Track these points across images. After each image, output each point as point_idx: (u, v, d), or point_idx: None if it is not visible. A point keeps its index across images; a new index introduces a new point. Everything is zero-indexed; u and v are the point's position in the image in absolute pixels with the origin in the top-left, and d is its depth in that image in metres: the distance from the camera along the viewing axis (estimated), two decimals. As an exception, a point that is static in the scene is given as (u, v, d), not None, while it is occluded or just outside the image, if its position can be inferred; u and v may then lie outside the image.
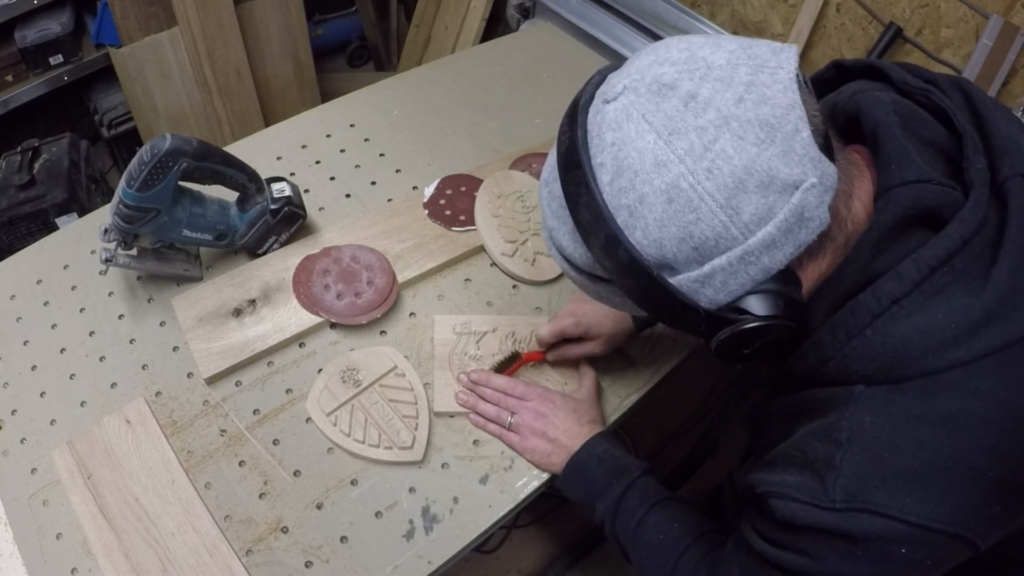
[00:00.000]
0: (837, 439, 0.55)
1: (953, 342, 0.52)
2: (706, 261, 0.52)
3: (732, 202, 0.50)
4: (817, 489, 0.55)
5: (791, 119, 0.50)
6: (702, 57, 0.52)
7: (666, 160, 0.50)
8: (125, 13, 1.81)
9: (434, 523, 0.84)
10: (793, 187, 0.50)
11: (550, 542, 1.58)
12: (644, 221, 0.51)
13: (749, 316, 0.53)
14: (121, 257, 0.96)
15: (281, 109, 2.19)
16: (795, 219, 0.50)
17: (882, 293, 0.54)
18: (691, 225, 0.50)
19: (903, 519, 0.53)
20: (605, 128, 0.53)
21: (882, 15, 1.69)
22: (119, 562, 0.78)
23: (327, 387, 0.92)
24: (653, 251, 0.52)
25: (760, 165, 0.49)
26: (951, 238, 0.52)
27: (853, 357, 0.55)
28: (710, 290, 0.53)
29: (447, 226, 1.11)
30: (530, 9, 2.16)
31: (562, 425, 0.87)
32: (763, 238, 0.50)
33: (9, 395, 0.93)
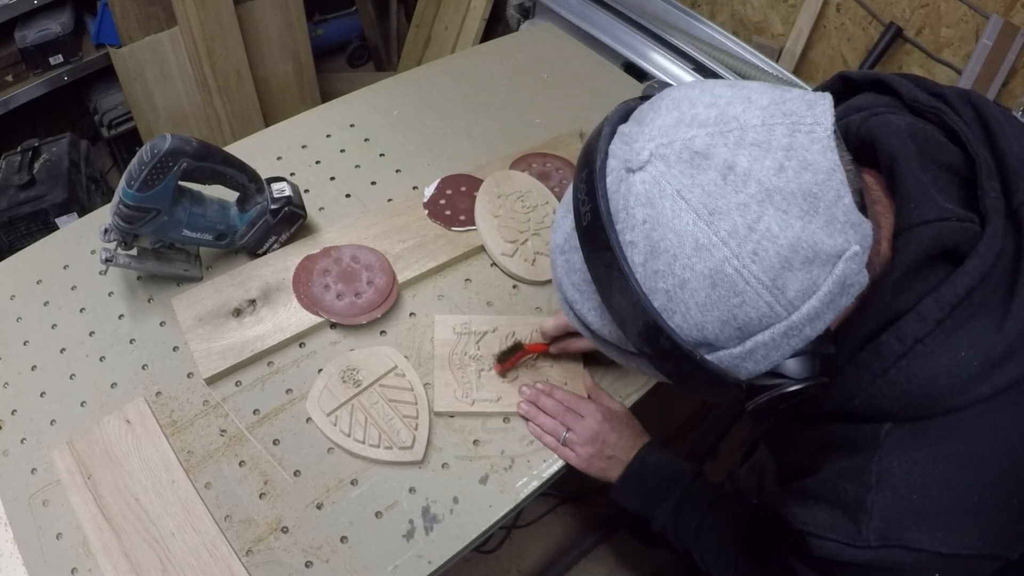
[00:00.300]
0: (867, 482, 0.56)
1: (977, 379, 0.52)
2: (748, 338, 0.50)
3: (778, 282, 0.48)
4: (851, 530, 0.57)
5: (833, 185, 0.48)
6: (734, 116, 0.49)
7: (708, 244, 0.47)
8: (125, 13, 1.81)
9: (434, 523, 0.84)
10: (836, 257, 0.49)
11: (550, 542, 1.58)
12: (685, 306, 0.49)
13: (788, 380, 0.52)
14: (121, 257, 0.96)
15: (281, 109, 2.19)
16: (838, 289, 0.49)
17: (905, 334, 0.53)
18: (736, 308, 0.49)
19: (935, 551, 0.55)
20: (634, 203, 0.50)
21: (882, 15, 1.69)
22: (119, 562, 0.78)
23: (327, 387, 0.92)
24: (694, 333, 0.50)
25: (805, 240, 0.47)
26: (970, 275, 0.52)
27: (879, 395, 0.56)
28: (751, 364, 0.52)
29: (447, 226, 1.11)
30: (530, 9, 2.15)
31: (618, 442, 0.89)
32: (807, 312, 0.49)
33: (9, 395, 0.93)
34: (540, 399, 0.92)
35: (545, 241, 1.09)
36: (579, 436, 0.89)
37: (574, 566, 1.53)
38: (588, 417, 0.90)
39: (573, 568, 1.53)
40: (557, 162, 1.20)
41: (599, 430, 0.89)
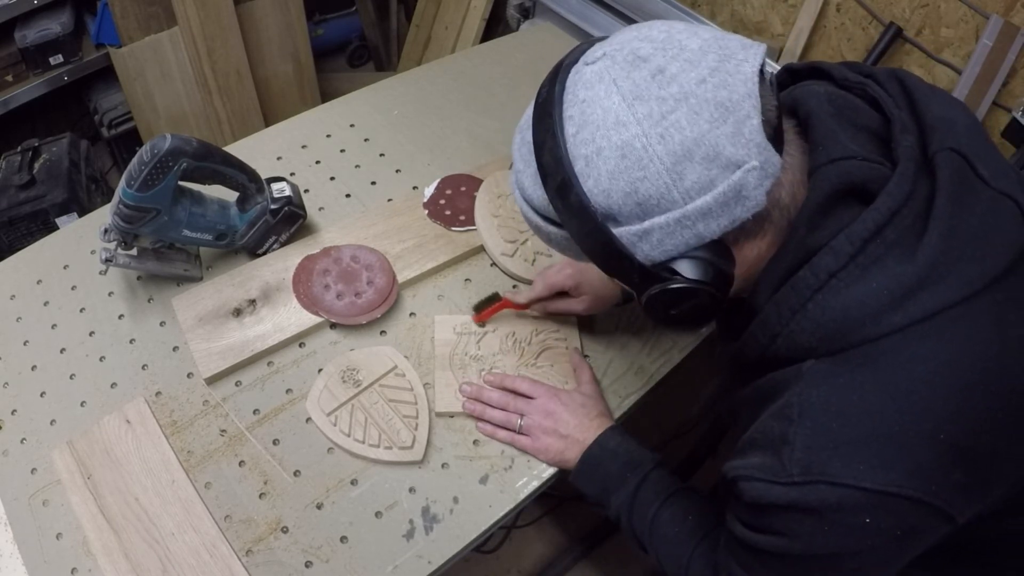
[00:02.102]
0: (789, 416, 0.58)
1: (889, 308, 0.55)
2: (647, 218, 0.56)
3: (678, 168, 0.54)
4: (776, 466, 0.57)
5: (745, 107, 0.54)
6: (678, 40, 0.56)
7: (625, 120, 0.54)
8: (125, 13, 1.81)
9: (434, 523, 0.84)
10: (735, 166, 0.54)
11: (550, 542, 1.58)
12: (597, 171, 0.56)
13: (678, 277, 0.58)
14: (121, 257, 0.96)
15: (281, 109, 2.19)
16: (732, 195, 0.54)
17: (819, 268, 0.57)
18: (638, 182, 0.55)
19: (859, 486, 0.54)
20: (579, 86, 0.57)
21: (882, 15, 1.69)
22: (119, 562, 0.78)
23: (327, 387, 0.92)
24: (601, 200, 0.56)
25: (709, 140, 0.53)
26: (879, 211, 0.56)
27: (798, 331, 0.58)
28: (647, 246, 0.57)
29: (447, 226, 1.11)
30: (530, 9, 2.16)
31: (572, 420, 0.87)
32: (700, 206, 0.55)
33: (9, 395, 0.93)
34: (483, 394, 0.92)
35: (545, 241, 1.10)
36: (533, 419, 0.88)
37: (574, 566, 1.53)
38: (539, 397, 0.90)
39: (573, 568, 1.53)
40: (557, 162, 1.20)
41: (551, 408, 0.88)
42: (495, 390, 0.92)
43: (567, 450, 0.87)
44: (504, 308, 0.97)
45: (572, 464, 0.86)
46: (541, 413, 0.89)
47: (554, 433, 0.87)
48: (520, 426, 0.89)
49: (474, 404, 0.92)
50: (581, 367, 0.95)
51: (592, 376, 0.94)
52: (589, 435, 0.86)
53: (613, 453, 0.84)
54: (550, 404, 0.89)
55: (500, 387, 0.93)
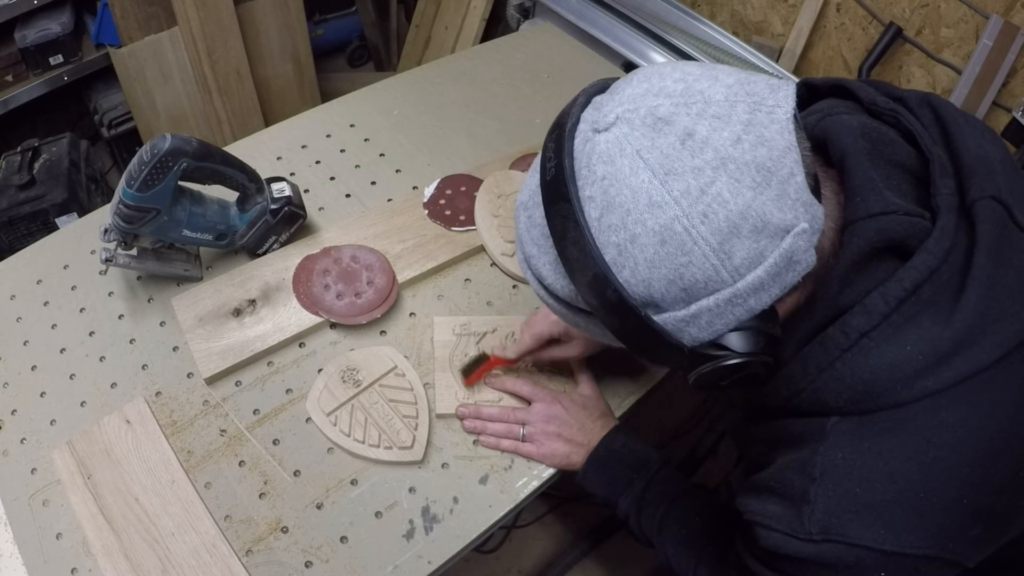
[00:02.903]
0: (811, 474, 0.56)
1: (923, 372, 0.52)
2: (693, 302, 0.51)
3: (725, 246, 0.49)
4: (794, 521, 0.56)
5: (787, 163, 0.49)
6: (699, 91, 0.51)
7: (661, 202, 0.49)
8: (125, 13, 1.81)
9: (434, 523, 0.84)
10: (784, 232, 0.50)
11: (550, 542, 1.58)
12: (634, 260, 0.50)
13: (730, 353, 0.53)
14: (121, 257, 0.96)
15: (281, 109, 2.19)
16: (784, 263, 0.50)
17: (850, 327, 0.54)
18: (682, 268, 0.50)
19: (877, 548, 0.53)
20: (596, 160, 0.51)
21: (882, 15, 1.69)
22: (119, 562, 0.78)
23: (327, 387, 0.92)
24: (640, 290, 0.51)
25: (755, 210, 0.49)
26: (918, 269, 0.52)
27: (824, 389, 0.56)
28: (694, 329, 0.53)
29: (447, 226, 1.11)
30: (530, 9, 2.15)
31: (575, 423, 0.87)
32: (752, 281, 0.50)
33: (9, 395, 0.93)
34: (482, 411, 0.90)
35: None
36: (535, 427, 0.87)
37: (574, 566, 1.53)
38: (537, 402, 0.89)
39: (573, 568, 1.53)
40: (557, 162, 1.20)
41: (553, 412, 0.87)
42: (493, 407, 0.90)
43: (572, 453, 0.86)
44: (493, 367, 0.93)
45: (579, 466, 0.86)
46: (542, 419, 0.88)
47: (558, 437, 0.87)
48: (523, 435, 0.88)
49: (473, 422, 0.90)
50: (579, 368, 0.94)
51: (590, 377, 0.94)
52: (593, 437, 0.86)
53: (618, 455, 0.84)
54: (551, 409, 0.88)
55: (502, 389, 0.92)
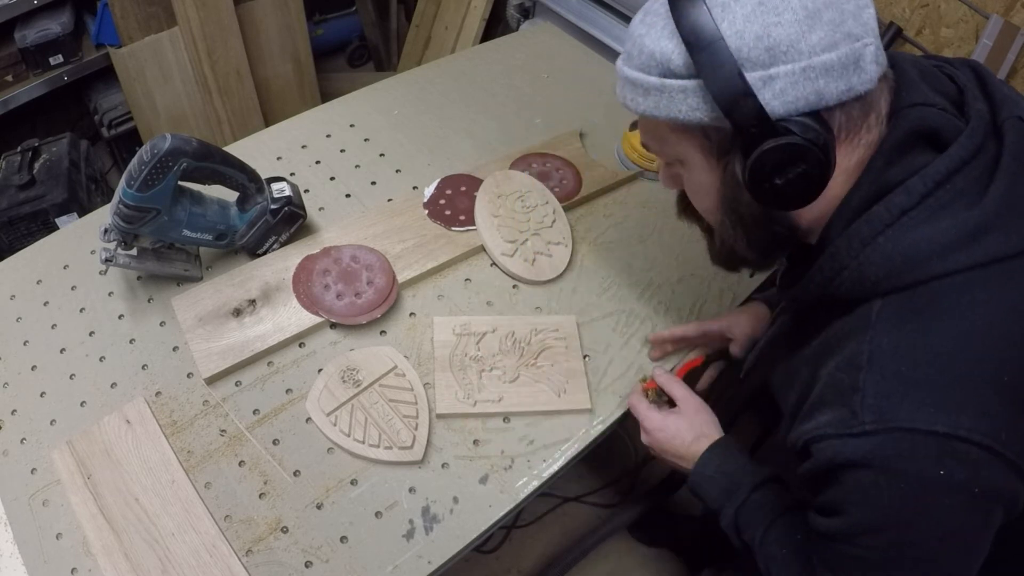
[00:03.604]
0: (859, 364, 0.59)
1: (955, 247, 0.58)
2: (773, 65, 0.58)
3: (809, 20, 0.57)
4: (848, 417, 0.58)
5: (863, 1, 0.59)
6: None
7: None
8: (125, 13, 1.81)
9: (434, 523, 0.84)
10: (855, 39, 0.58)
11: (550, 542, 1.58)
12: (733, 13, 0.58)
13: (795, 134, 0.59)
14: (121, 257, 0.96)
15: (281, 109, 2.19)
16: (852, 60, 0.57)
17: (893, 205, 0.60)
18: (772, 26, 0.57)
19: (930, 430, 0.55)
20: None
21: (882, 15, 1.69)
22: (119, 562, 0.78)
23: (327, 387, 0.92)
24: (733, 40, 0.58)
25: (836, 6, 0.57)
26: (952, 158, 0.59)
27: (867, 264, 0.61)
28: (769, 92, 0.58)
29: (447, 226, 1.11)
30: (530, 9, 2.15)
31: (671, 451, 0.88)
32: (824, 61, 0.57)
33: (9, 395, 0.93)
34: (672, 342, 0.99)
35: (546, 241, 1.09)
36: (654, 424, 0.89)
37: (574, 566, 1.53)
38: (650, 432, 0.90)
39: (573, 568, 1.53)
40: (557, 162, 1.20)
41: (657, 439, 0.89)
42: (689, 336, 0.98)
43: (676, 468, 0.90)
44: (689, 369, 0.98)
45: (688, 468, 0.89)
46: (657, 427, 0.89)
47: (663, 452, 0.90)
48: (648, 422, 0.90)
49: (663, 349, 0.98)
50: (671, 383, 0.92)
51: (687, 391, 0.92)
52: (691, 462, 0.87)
53: (711, 480, 0.85)
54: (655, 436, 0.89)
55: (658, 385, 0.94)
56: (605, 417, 0.94)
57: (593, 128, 1.30)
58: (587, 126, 1.29)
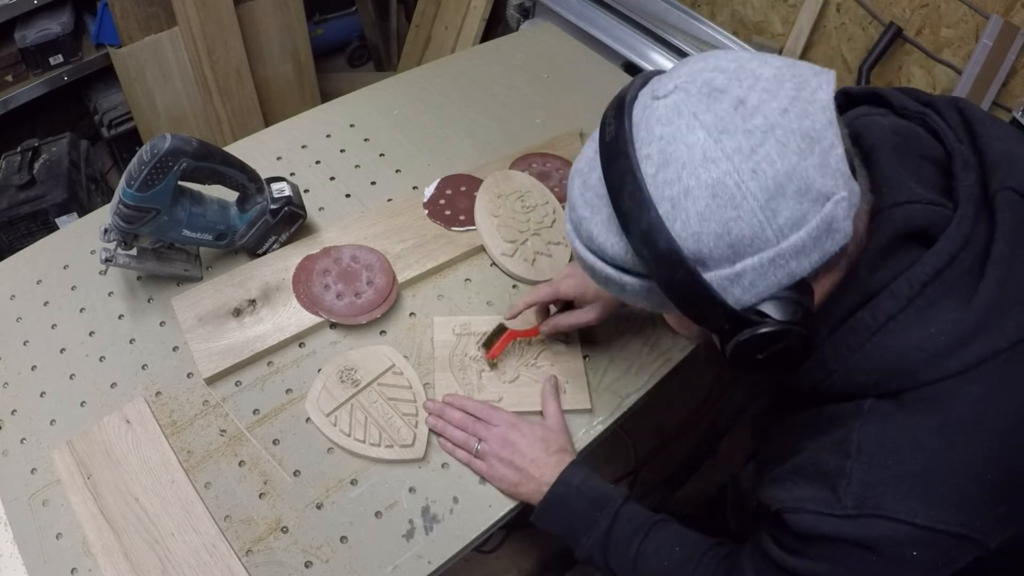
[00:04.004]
0: (847, 451, 0.58)
1: (945, 353, 0.55)
2: (739, 260, 0.53)
3: (771, 204, 0.52)
4: (830, 499, 0.58)
5: (828, 135, 0.53)
6: (750, 69, 0.55)
7: (714, 156, 0.52)
8: (125, 13, 1.81)
9: (434, 523, 0.84)
10: (825, 198, 0.52)
11: (550, 542, 1.58)
12: (686, 213, 0.53)
13: (770, 319, 0.55)
14: (121, 257, 0.96)
15: (281, 109, 2.19)
16: (824, 228, 0.53)
17: (879, 311, 0.57)
18: (731, 222, 0.52)
19: (910, 522, 0.56)
20: (654, 122, 0.55)
21: (882, 15, 1.69)
22: (119, 562, 0.78)
23: (325, 387, 0.92)
24: (690, 244, 0.53)
25: (800, 173, 0.51)
26: (939, 255, 0.56)
27: (855, 370, 0.59)
28: (738, 289, 0.55)
29: (447, 226, 1.11)
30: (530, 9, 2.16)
31: (529, 454, 0.85)
32: (794, 243, 0.53)
33: (9, 395, 0.93)
34: (446, 412, 0.90)
35: (546, 241, 1.09)
36: (491, 445, 0.86)
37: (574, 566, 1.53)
38: (499, 425, 0.88)
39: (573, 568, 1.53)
40: (557, 162, 1.20)
41: (510, 438, 0.86)
42: (456, 411, 0.90)
43: (521, 484, 0.85)
44: (513, 338, 0.94)
45: (526, 498, 0.85)
46: (499, 442, 0.86)
47: (509, 464, 0.85)
48: (476, 450, 0.87)
49: (436, 420, 0.90)
50: (549, 398, 0.92)
51: (559, 409, 0.91)
52: (547, 471, 0.84)
53: (578, 491, 0.82)
54: (509, 434, 0.87)
55: (461, 409, 0.91)
56: (605, 417, 0.95)
57: (593, 128, 1.29)
58: (587, 126, 1.29)
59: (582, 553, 0.82)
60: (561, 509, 0.83)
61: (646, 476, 1.65)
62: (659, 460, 1.67)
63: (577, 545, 0.82)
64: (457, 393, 0.93)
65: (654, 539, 0.79)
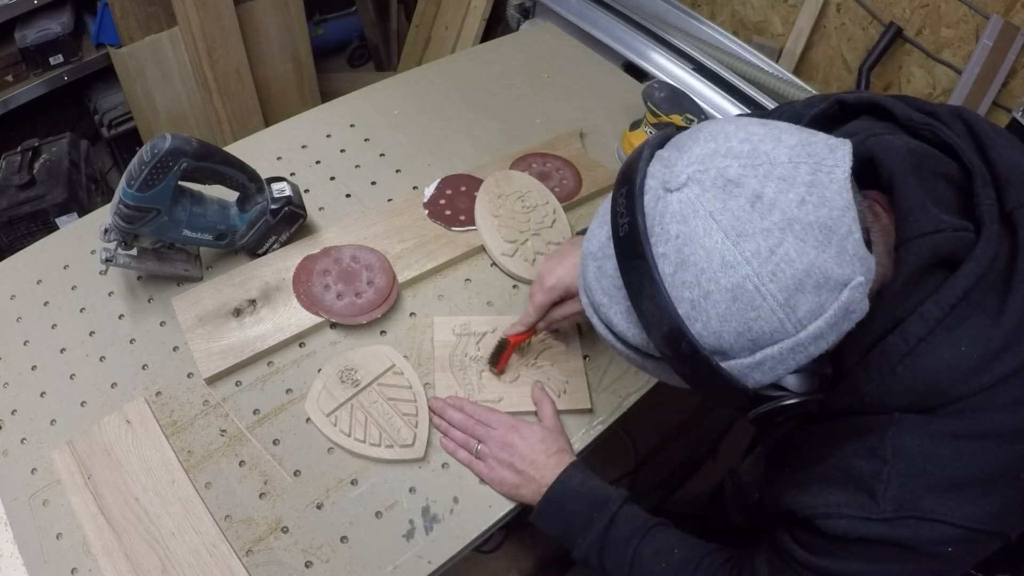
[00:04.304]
0: (883, 456, 0.60)
1: (978, 370, 0.57)
2: (759, 350, 0.55)
3: (791, 302, 0.53)
4: (867, 503, 0.60)
5: (846, 221, 0.53)
6: (764, 152, 0.55)
7: (733, 262, 0.52)
8: (125, 13, 1.81)
9: (434, 523, 0.84)
10: (843, 285, 0.53)
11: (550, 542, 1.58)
12: (706, 315, 0.54)
13: (788, 393, 0.58)
14: (121, 257, 0.96)
15: (281, 109, 2.19)
16: (842, 314, 0.54)
17: (909, 334, 0.58)
18: (751, 321, 0.53)
19: (948, 522, 0.58)
20: (669, 219, 0.54)
21: (882, 15, 1.69)
22: (119, 562, 0.78)
23: (325, 387, 0.92)
24: (711, 341, 0.55)
25: (818, 267, 0.52)
26: (967, 277, 0.57)
27: (887, 393, 0.60)
28: (758, 374, 0.56)
29: (447, 226, 1.11)
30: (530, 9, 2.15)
31: (528, 455, 0.85)
32: (813, 331, 0.54)
33: (9, 395, 0.93)
34: (447, 412, 0.91)
35: (546, 241, 1.09)
36: (490, 448, 0.87)
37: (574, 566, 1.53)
38: (498, 428, 0.88)
39: (573, 568, 1.53)
40: (557, 162, 1.20)
41: (509, 440, 0.86)
42: (456, 412, 0.91)
43: (522, 485, 0.85)
44: (515, 346, 0.94)
45: (527, 500, 0.85)
46: (498, 444, 0.87)
47: (509, 466, 0.86)
48: (477, 451, 0.88)
49: (439, 420, 0.91)
50: (542, 401, 0.92)
51: (554, 411, 0.92)
52: (547, 472, 0.84)
53: (576, 492, 0.82)
54: (508, 436, 0.87)
55: (461, 411, 0.91)
56: (605, 417, 0.95)
57: (593, 128, 1.30)
58: (587, 126, 1.30)
59: (579, 554, 0.82)
60: (559, 510, 0.83)
61: (646, 476, 1.65)
62: (659, 460, 1.67)
63: (574, 546, 0.82)
64: (457, 394, 0.93)
65: (652, 542, 0.79)
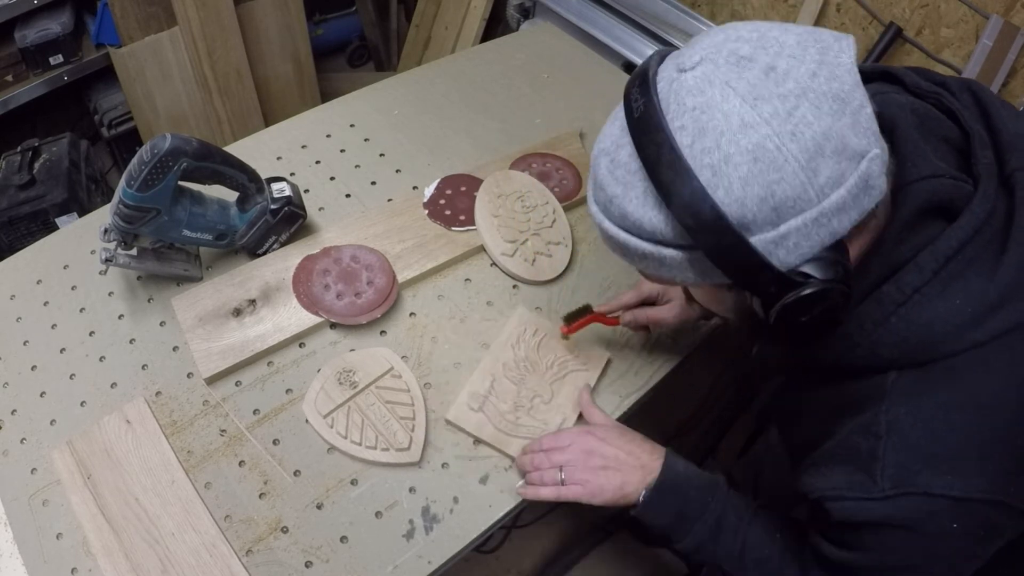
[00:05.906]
0: (877, 432, 0.60)
1: (970, 324, 0.57)
2: (782, 222, 0.54)
3: (812, 164, 0.52)
4: (866, 483, 0.60)
5: (857, 96, 0.54)
6: (773, 37, 0.55)
7: (752, 122, 0.52)
8: (125, 13, 1.81)
9: (434, 523, 0.84)
10: (860, 156, 0.54)
11: (550, 542, 1.58)
12: (728, 180, 0.53)
13: (814, 279, 0.56)
14: (121, 257, 0.96)
15: (281, 109, 2.19)
16: (862, 185, 0.54)
17: (904, 283, 0.58)
18: (774, 184, 0.52)
19: (947, 495, 0.58)
20: (685, 94, 0.55)
21: (882, 15, 1.69)
22: (119, 562, 0.78)
23: (323, 389, 0.92)
24: (734, 209, 0.54)
25: (835, 133, 0.52)
26: (963, 228, 0.57)
27: (879, 343, 0.60)
28: (783, 251, 0.55)
29: (447, 226, 1.11)
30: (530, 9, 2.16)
31: (614, 452, 0.81)
32: (835, 201, 0.53)
33: (9, 395, 0.93)
34: (519, 462, 0.87)
35: (546, 241, 1.09)
36: (574, 465, 0.82)
37: (574, 566, 1.53)
38: (572, 443, 0.83)
39: (573, 568, 1.53)
40: (557, 162, 1.20)
41: (588, 446, 0.82)
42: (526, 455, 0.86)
43: (626, 483, 0.80)
44: (594, 321, 0.94)
45: (632, 499, 0.80)
46: (581, 455, 0.82)
47: (604, 469, 0.81)
48: (562, 479, 0.82)
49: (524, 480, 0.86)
50: (588, 405, 0.90)
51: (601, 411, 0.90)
52: (644, 459, 0.80)
53: (686, 478, 0.79)
54: (585, 444, 0.82)
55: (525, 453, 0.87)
56: (605, 417, 0.94)
57: (593, 128, 1.30)
58: (587, 126, 1.29)
59: (691, 542, 0.77)
60: (671, 498, 0.78)
61: (646, 476, 1.65)
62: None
63: (687, 533, 0.77)
64: None
65: (756, 526, 0.77)
